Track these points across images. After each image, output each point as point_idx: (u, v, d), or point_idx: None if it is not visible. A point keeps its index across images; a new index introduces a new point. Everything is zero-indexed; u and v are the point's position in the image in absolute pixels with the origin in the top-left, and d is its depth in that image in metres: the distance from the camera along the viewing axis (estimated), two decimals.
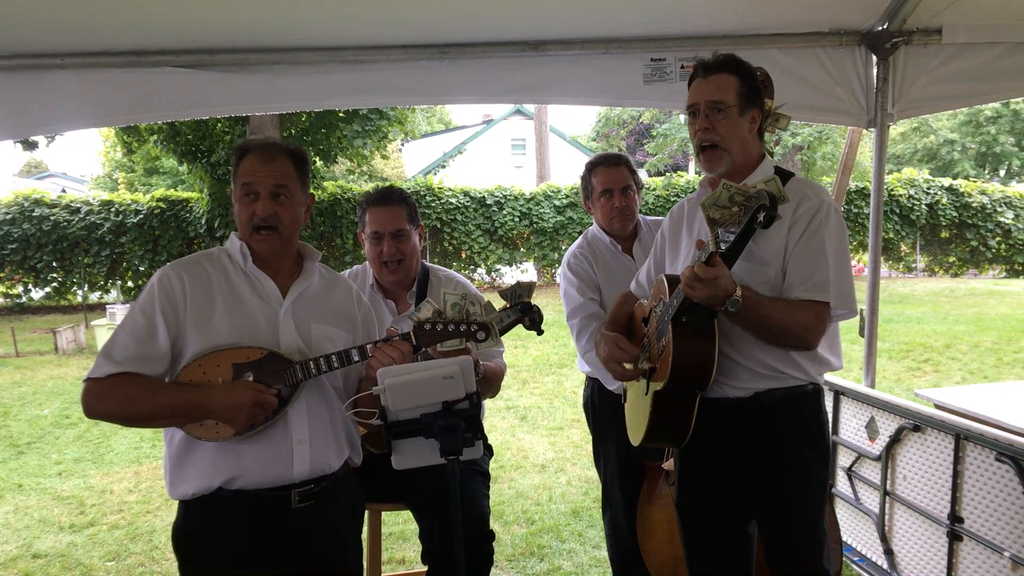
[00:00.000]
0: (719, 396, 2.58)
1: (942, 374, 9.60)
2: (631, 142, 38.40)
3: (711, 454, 2.65)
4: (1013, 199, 21.31)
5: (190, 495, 2.36)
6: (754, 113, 2.58)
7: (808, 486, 2.61)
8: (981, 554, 3.33)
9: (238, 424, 2.27)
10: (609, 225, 3.67)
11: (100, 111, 3.90)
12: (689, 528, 2.81)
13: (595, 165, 3.70)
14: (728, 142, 2.54)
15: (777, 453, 2.57)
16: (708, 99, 2.54)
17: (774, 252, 2.50)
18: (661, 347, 2.53)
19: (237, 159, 2.45)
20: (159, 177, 29.75)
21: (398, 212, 3.19)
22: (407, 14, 3.69)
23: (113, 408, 2.30)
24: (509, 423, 7.99)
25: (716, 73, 2.57)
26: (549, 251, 19.66)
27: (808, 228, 2.48)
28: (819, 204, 2.51)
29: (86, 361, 11.79)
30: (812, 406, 2.63)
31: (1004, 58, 3.89)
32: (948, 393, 4.28)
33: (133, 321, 2.32)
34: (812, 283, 2.44)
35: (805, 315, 2.43)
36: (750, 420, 2.57)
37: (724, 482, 2.66)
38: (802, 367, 2.56)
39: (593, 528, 5.06)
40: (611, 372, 2.75)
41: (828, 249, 2.46)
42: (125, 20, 3.55)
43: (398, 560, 4.68)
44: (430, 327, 2.36)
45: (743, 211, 2.13)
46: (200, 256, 2.49)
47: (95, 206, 17.61)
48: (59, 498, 6.09)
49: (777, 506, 2.60)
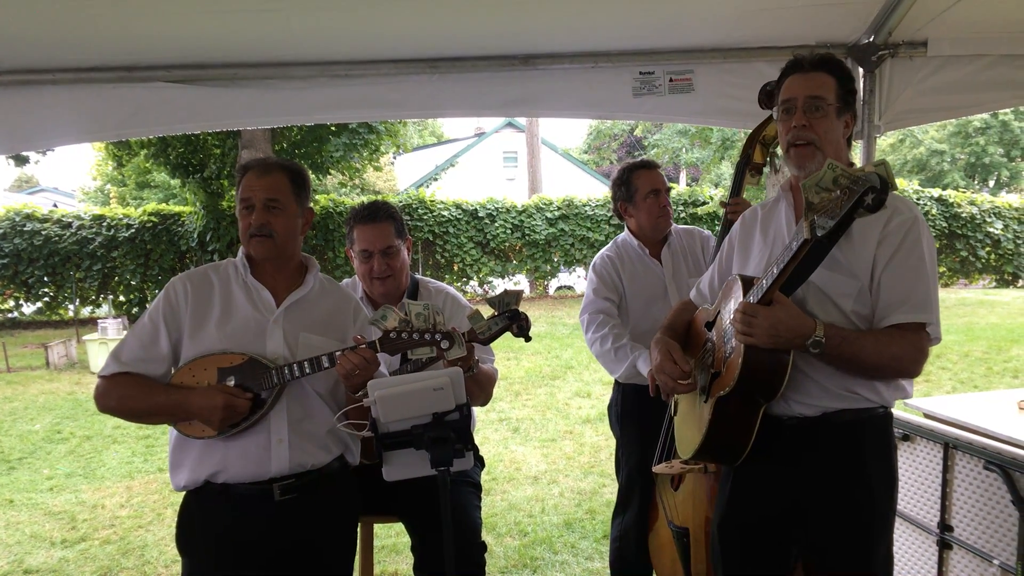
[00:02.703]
0: (784, 413, 2.43)
1: (933, 383, 9.64)
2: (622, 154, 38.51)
3: (766, 473, 2.50)
4: (1002, 209, 21.41)
5: (182, 486, 2.61)
6: (848, 118, 2.46)
7: (870, 513, 2.42)
8: (971, 562, 3.34)
9: (214, 424, 2.48)
10: (654, 225, 3.73)
11: (92, 126, 3.93)
12: (726, 547, 2.63)
13: (635, 168, 3.78)
14: (824, 142, 2.40)
15: (840, 477, 2.41)
16: (808, 94, 2.41)
17: (863, 265, 2.34)
18: (730, 349, 2.37)
19: (240, 177, 2.66)
20: (151, 191, 29.69)
21: (387, 229, 3.19)
22: (397, 29, 3.71)
23: (115, 404, 2.55)
24: (502, 435, 7.99)
25: (816, 70, 2.44)
26: (541, 263, 19.68)
27: (904, 244, 2.32)
28: (913, 219, 2.35)
29: (77, 376, 11.76)
30: (882, 431, 2.48)
31: (989, 70, 3.92)
32: (937, 402, 4.30)
33: (142, 325, 2.59)
34: (911, 304, 2.30)
35: (899, 347, 2.29)
36: (817, 441, 2.42)
37: (775, 505, 2.49)
38: (877, 389, 2.41)
39: (586, 540, 5.07)
40: (659, 383, 2.64)
41: (927, 267, 2.33)
42: (116, 36, 3.57)
43: (390, 573, 4.68)
44: (395, 335, 2.45)
45: (847, 195, 1.87)
46: (209, 267, 2.71)
47: (86, 220, 17.54)
48: (50, 513, 6.07)
49: (833, 531, 2.41)
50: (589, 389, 9.64)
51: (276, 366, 2.51)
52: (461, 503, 3.10)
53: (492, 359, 3.27)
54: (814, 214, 1.92)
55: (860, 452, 2.42)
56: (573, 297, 20.15)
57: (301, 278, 2.72)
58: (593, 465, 6.80)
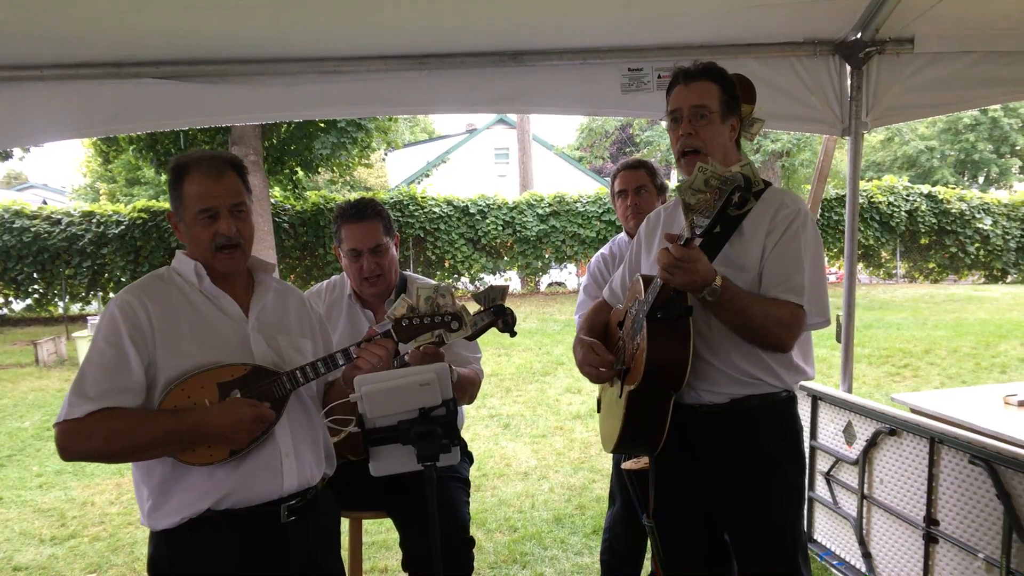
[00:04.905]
0: (695, 402, 2.59)
1: (921, 379, 9.70)
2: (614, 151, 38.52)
3: (687, 460, 2.65)
4: (991, 206, 21.56)
5: (177, 522, 2.27)
6: (733, 122, 2.61)
7: (784, 493, 2.61)
8: (956, 556, 3.37)
9: (240, 442, 2.24)
10: (625, 224, 3.81)
11: (80, 122, 3.91)
12: (666, 536, 2.81)
13: (619, 169, 3.88)
14: (710, 147, 2.54)
15: (754, 460, 2.58)
16: (691, 104, 2.56)
17: (751, 258, 2.50)
18: (635, 346, 2.53)
19: (177, 178, 2.36)
20: (141, 187, 29.58)
21: (375, 227, 3.19)
22: (387, 25, 3.72)
23: (100, 445, 2.17)
24: (492, 431, 8.00)
25: (698, 80, 2.58)
26: (532, 259, 19.72)
27: (785, 234, 2.49)
28: (796, 212, 2.52)
29: (67, 373, 11.71)
30: (787, 413, 2.65)
31: (975, 67, 3.94)
32: (923, 397, 4.33)
33: (99, 353, 2.22)
34: (788, 286, 2.45)
35: (782, 312, 2.43)
36: (727, 426, 2.58)
37: (700, 489, 2.65)
38: (778, 374, 2.57)
39: (575, 535, 5.09)
40: (587, 376, 2.77)
41: (804, 256, 2.48)
42: (104, 32, 3.56)
43: (380, 569, 4.69)
44: (407, 323, 2.37)
45: (718, 195, 2.12)
46: (153, 278, 2.41)
47: (76, 217, 17.52)
48: (40, 510, 6.06)
49: (752, 513, 2.59)
50: (580, 385, 9.64)
51: (286, 371, 2.34)
52: (449, 499, 3.11)
53: (479, 357, 3.29)
54: (692, 214, 2.19)
55: (769, 434, 2.60)
56: (564, 294, 20.17)
57: (252, 279, 2.52)
58: (583, 461, 6.81)
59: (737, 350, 2.53)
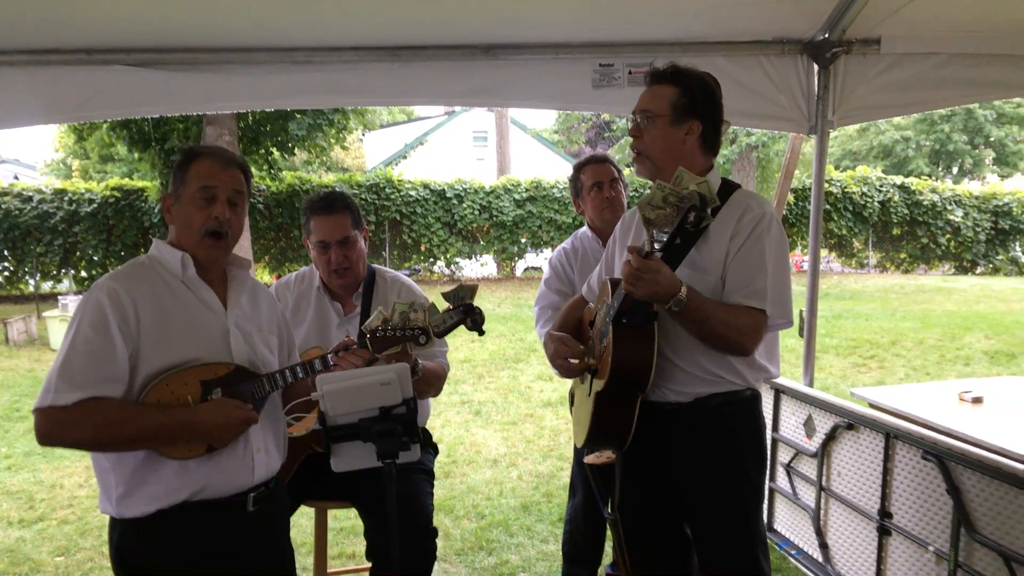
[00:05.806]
0: (660, 400, 2.63)
1: (886, 370, 9.84)
2: (591, 135, 38.55)
3: (651, 457, 2.71)
4: (963, 198, 21.86)
5: (149, 511, 2.26)
6: (691, 125, 2.57)
7: (744, 488, 2.67)
8: (908, 548, 3.47)
9: (224, 442, 2.28)
10: (600, 217, 3.84)
11: (50, 108, 3.88)
12: (629, 530, 2.86)
13: (583, 165, 3.92)
14: (650, 150, 2.59)
15: (717, 456, 2.63)
16: (639, 108, 2.62)
17: (715, 260, 2.54)
18: (603, 348, 2.60)
19: (186, 160, 2.40)
20: (114, 164, 29.24)
21: (343, 220, 3.22)
22: (359, 16, 3.73)
23: (89, 435, 2.17)
24: (463, 418, 8.06)
25: (655, 83, 2.62)
26: (508, 244, 19.73)
27: (750, 238, 2.52)
28: (761, 215, 2.55)
29: (37, 353, 11.62)
30: (750, 411, 2.70)
31: (941, 68, 4.01)
32: (882, 392, 4.43)
33: (86, 340, 2.17)
34: (750, 290, 2.48)
35: (744, 320, 2.47)
36: (691, 423, 2.62)
37: (663, 484, 2.71)
38: (740, 373, 2.63)
39: (542, 523, 5.16)
40: (558, 369, 2.83)
41: (767, 259, 2.51)
42: (75, 18, 3.54)
43: (348, 555, 4.73)
44: (380, 334, 2.47)
45: (675, 211, 2.16)
46: (135, 267, 2.38)
47: (48, 195, 17.29)
48: (8, 493, 6.05)
49: (714, 507, 2.65)
50: (551, 372, 9.69)
51: (266, 373, 2.40)
52: (413, 490, 3.15)
53: (445, 351, 3.37)
54: (653, 228, 2.23)
55: (732, 432, 2.66)
56: (540, 279, 20.08)
57: (225, 275, 2.53)
58: (552, 448, 6.89)
59: (701, 350, 2.57)
